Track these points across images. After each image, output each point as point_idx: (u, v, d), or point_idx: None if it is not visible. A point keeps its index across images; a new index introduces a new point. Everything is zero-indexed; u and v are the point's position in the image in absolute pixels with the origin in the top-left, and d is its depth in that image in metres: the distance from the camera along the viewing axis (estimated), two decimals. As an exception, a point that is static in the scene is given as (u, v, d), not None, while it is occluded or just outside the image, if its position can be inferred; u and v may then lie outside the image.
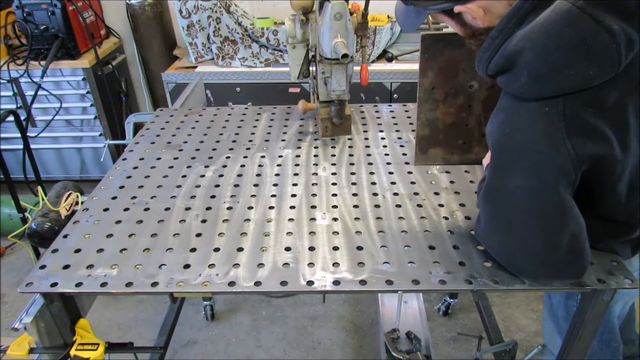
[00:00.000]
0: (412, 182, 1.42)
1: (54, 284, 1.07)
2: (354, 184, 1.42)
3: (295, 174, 1.48)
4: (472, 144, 1.46)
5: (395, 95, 2.81)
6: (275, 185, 1.43)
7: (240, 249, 1.16)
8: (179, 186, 1.43)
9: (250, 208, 1.32)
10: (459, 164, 1.49)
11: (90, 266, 1.12)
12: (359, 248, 1.16)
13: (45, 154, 3.26)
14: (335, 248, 1.16)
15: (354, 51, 1.51)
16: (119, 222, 1.28)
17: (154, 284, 1.06)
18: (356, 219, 1.26)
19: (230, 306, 2.48)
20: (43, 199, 1.34)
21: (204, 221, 1.27)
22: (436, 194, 1.36)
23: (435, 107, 1.40)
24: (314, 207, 1.32)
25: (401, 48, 2.90)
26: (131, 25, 3.14)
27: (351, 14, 1.46)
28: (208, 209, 1.32)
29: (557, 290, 1.29)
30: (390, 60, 2.82)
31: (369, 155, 1.58)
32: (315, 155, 1.59)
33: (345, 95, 1.54)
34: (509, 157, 0.93)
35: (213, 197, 1.37)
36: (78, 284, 1.07)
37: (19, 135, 2.25)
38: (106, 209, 1.33)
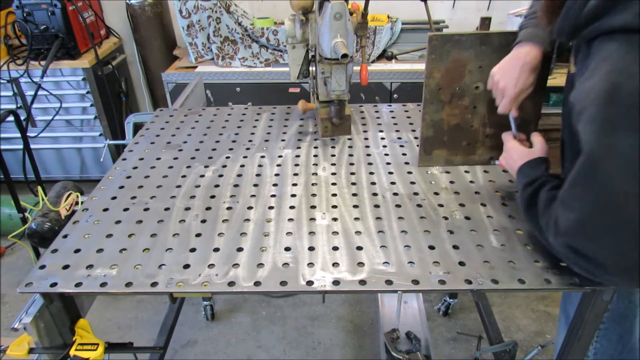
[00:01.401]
0: (412, 182, 1.42)
1: (54, 284, 1.07)
2: (353, 184, 1.42)
3: (295, 174, 1.48)
4: (476, 145, 1.46)
5: (395, 95, 2.81)
6: (275, 185, 1.43)
7: (240, 249, 1.16)
8: (178, 186, 1.43)
9: (250, 208, 1.32)
10: (462, 165, 1.49)
11: (90, 266, 1.12)
12: (359, 248, 1.16)
13: (45, 154, 3.26)
14: (335, 248, 1.16)
15: (354, 51, 1.51)
16: (118, 222, 1.28)
17: (154, 284, 1.06)
18: (356, 219, 1.26)
19: (230, 306, 2.48)
20: (43, 199, 1.34)
21: (203, 221, 1.27)
22: (436, 194, 1.36)
23: (440, 109, 1.40)
24: (313, 207, 1.32)
25: (401, 48, 2.91)
26: (131, 25, 3.14)
27: (351, 14, 1.46)
28: (208, 209, 1.32)
29: (556, 290, 1.29)
30: (390, 58, 2.83)
31: (368, 155, 1.58)
32: (315, 156, 1.59)
33: (345, 95, 1.54)
34: (617, 112, 0.79)
35: (213, 197, 1.37)
36: (78, 284, 1.07)
37: (19, 135, 2.25)
38: (106, 209, 1.33)
